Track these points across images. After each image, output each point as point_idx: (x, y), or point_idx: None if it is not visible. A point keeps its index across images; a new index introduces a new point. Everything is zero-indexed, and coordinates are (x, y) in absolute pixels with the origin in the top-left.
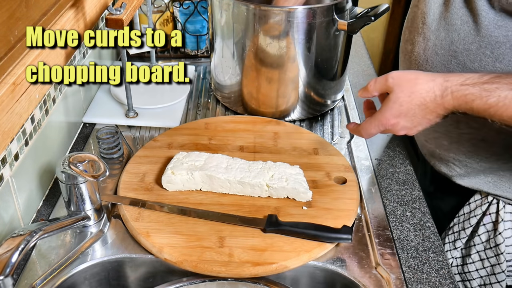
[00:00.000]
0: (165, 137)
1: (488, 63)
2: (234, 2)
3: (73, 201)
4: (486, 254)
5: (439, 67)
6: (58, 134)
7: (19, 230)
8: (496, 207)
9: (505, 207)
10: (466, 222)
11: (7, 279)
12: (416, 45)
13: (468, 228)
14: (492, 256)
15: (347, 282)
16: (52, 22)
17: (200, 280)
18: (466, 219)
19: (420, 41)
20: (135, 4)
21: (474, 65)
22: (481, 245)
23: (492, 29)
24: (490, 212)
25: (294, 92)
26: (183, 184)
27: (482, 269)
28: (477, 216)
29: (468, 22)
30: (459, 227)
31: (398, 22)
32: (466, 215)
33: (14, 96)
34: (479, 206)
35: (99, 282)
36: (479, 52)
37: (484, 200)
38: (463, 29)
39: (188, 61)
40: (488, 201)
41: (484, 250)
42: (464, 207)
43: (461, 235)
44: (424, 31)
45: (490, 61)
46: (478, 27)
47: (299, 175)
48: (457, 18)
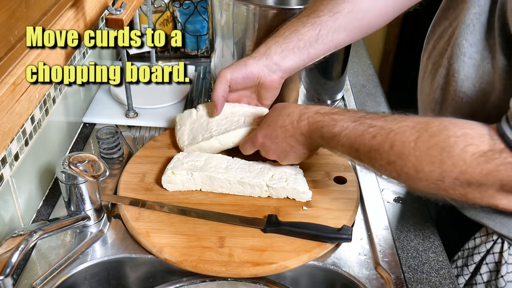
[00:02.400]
0: (165, 137)
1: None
2: (234, 2)
3: (73, 201)
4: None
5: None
6: (58, 134)
7: (19, 230)
8: (501, 247)
9: (509, 249)
10: (470, 258)
11: (7, 279)
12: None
13: (471, 265)
14: None
15: (347, 282)
16: (52, 22)
17: (200, 280)
18: (470, 254)
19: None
20: (135, 4)
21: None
22: (482, 285)
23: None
24: (494, 252)
25: (294, 92)
26: (183, 184)
27: None
28: (481, 253)
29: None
30: (462, 262)
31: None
32: (470, 250)
33: (14, 96)
34: (484, 243)
35: (99, 282)
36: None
37: (490, 237)
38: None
39: (188, 61)
40: (493, 239)
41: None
42: (469, 241)
43: (464, 271)
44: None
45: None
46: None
47: (299, 175)
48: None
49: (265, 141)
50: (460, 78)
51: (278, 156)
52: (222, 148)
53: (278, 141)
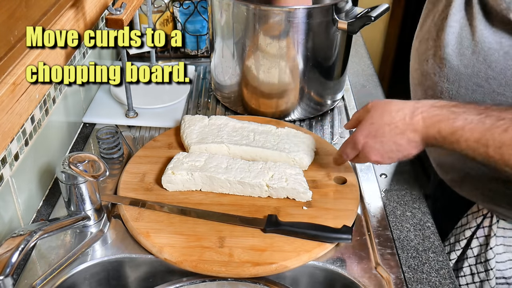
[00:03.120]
0: (165, 137)
1: (481, 69)
2: (234, 2)
3: (73, 201)
4: (477, 268)
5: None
6: (58, 134)
7: (19, 230)
8: (490, 220)
9: (498, 222)
10: (461, 234)
11: (7, 279)
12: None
13: (462, 240)
14: (482, 272)
15: (347, 282)
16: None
17: (200, 280)
18: (462, 231)
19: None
20: (135, 4)
21: (467, 71)
22: (473, 259)
23: (486, 34)
24: (484, 226)
25: (294, 92)
26: (183, 184)
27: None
28: (472, 228)
29: (465, 26)
30: (454, 239)
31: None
32: (461, 228)
33: (14, 96)
34: (475, 218)
35: (99, 282)
36: (472, 57)
37: (480, 212)
38: (460, 33)
39: (188, 61)
40: (483, 213)
41: (475, 264)
42: (462, 218)
43: (455, 247)
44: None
45: (482, 68)
46: (473, 31)
47: (299, 175)
48: (455, 20)
49: (367, 140)
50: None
51: (381, 157)
52: (229, 156)
53: (384, 140)
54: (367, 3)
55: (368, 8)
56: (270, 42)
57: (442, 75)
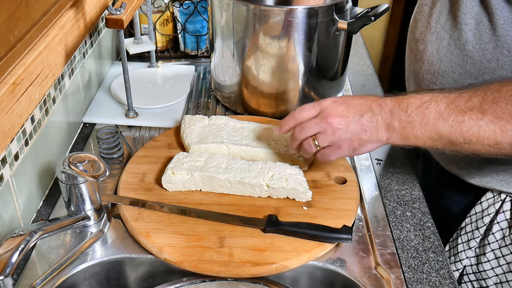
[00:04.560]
0: (165, 137)
1: (506, 62)
2: (234, 2)
3: (73, 201)
4: (502, 252)
5: (454, 67)
6: (58, 134)
7: (19, 230)
8: (510, 204)
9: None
10: (480, 221)
11: (7, 279)
12: (429, 44)
13: (481, 227)
14: (508, 254)
15: (347, 282)
16: (52, 22)
17: (200, 280)
18: (479, 218)
19: (433, 40)
20: (135, 4)
21: (491, 65)
22: (495, 243)
23: (508, 27)
24: (504, 210)
25: (294, 92)
26: (183, 184)
27: (497, 267)
28: (491, 214)
29: (482, 22)
30: (471, 227)
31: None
32: (479, 214)
33: (14, 96)
34: (492, 204)
35: (99, 282)
36: (495, 51)
37: (497, 198)
38: (478, 28)
39: (188, 61)
40: (502, 199)
41: (499, 248)
42: (476, 206)
43: (474, 235)
44: (437, 30)
45: (507, 60)
46: (493, 26)
47: (299, 175)
48: (470, 17)
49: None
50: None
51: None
52: (229, 156)
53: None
54: (367, 3)
55: (368, 8)
56: (270, 42)
57: (463, 71)
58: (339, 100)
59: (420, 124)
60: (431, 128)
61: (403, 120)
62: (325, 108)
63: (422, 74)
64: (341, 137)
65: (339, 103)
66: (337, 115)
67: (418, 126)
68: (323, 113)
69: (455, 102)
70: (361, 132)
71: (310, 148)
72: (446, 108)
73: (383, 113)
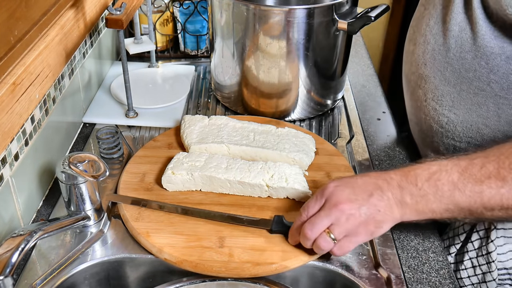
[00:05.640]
0: (165, 137)
1: (483, 73)
2: (234, 2)
3: (73, 201)
4: (478, 261)
5: (435, 72)
6: (58, 134)
7: (19, 230)
8: None
9: None
10: (460, 228)
11: (7, 279)
12: (417, 46)
13: (462, 234)
14: (483, 264)
15: (347, 282)
16: (52, 22)
17: (200, 280)
18: (460, 224)
19: (421, 42)
20: (135, 4)
21: (468, 75)
22: (473, 252)
23: (488, 39)
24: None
25: (294, 92)
26: (183, 184)
27: (473, 276)
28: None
29: (465, 30)
30: (453, 233)
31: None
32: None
33: (14, 96)
34: None
35: (99, 282)
36: (474, 62)
37: None
38: (460, 36)
39: (188, 61)
40: None
41: (476, 257)
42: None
43: (455, 241)
44: (425, 33)
45: (484, 72)
46: (474, 36)
47: (299, 175)
48: (455, 24)
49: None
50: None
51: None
52: (229, 156)
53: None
54: (367, 3)
55: (368, 8)
56: (270, 42)
57: (443, 78)
58: (341, 183)
59: (435, 197)
60: (447, 200)
61: (414, 194)
62: (330, 196)
63: (410, 75)
64: (356, 223)
65: (342, 186)
66: (346, 200)
67: (433, 200)
68: (330, 202)
69: (468, 170)
70: (375, 213)
71: (327, 244)
72: (459, 177)
73: (392, 189)
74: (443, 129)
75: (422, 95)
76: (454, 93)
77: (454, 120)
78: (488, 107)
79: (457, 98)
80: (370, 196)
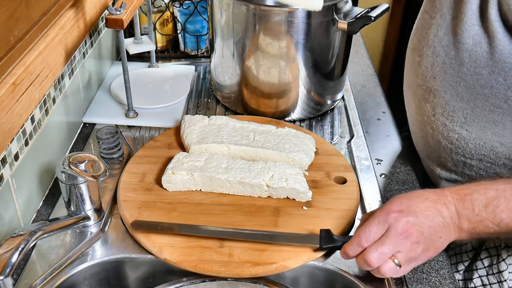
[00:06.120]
0: (165, 137)
1: (500, 90)
2: (234, 2)
3: (73, 201)
4: (489, 279)
5: (446, 87)
6: (58, 134)
7: (19, 230)
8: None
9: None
10: (468, 244)
11: (7, 279)
12: (425, 58)
13: (470, 251)
14: (494, 283)
15: (347, 282)
16: (52, 22)
17: (200, 280)
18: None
19: (429, 54)
20: (135, 4)
21: (484, 91)
22: (483, 270)
23: (507, 54)
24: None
25: (294, 92)
26: (183, 184)
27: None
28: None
29: (480, 43)
30: (460, 249)
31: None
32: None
33: (14, 96)
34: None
35: (99, 282)
36: (490, 78)
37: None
38: (475, 50)
39: (188, 61)
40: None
41: (486, 276)
42: None
43: (463, 258)
44: (434, 44)
45: (502, 88)
46: (492, 50)
47: (299, 175)
48: (468, 36)
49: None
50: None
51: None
52: (229, 156)
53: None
54: (367, 3)
55: (368, 8)
56: (270, 42)
57: (455, 93)
58: (403, 208)
59: (493, 223)
60: (506, 227)
61: (472, 220)
62: (394, 223)
63: (416, 88)
64: (419, 250)
65: (406, 213)
66: (412, 229)
67: (491, 225)
68: (396, 230)
69: None
70: (437, 240)
71: (391, 271)
72: None
73: (451, 214)
74: (452, 145)
75: (430, 109)
76: (467, 109)
77: (466, 137)
78: (505, 125)
79: (470, 114)
80: (432, 223)
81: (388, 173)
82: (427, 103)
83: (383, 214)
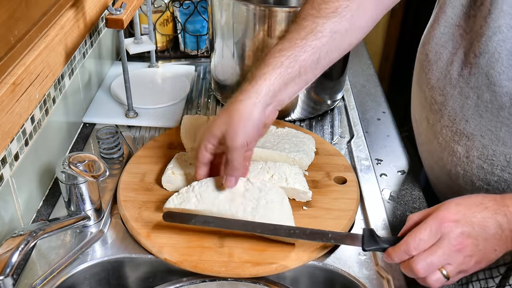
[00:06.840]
0: (165, 137)
1: None
2: (234, 2)
3: (73, 201)
4: None
5: (483, 131)
6: (58, 134)
7: (19, 230)
8: None
9: None
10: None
11: (7, 279)
12: (450, 98)
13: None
14: None
15: (347, 282)
16: (52, 22)
17: (200, 280)
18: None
19: (455, 95)
20: (135, 4)
21: None
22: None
23: None
24: None
25: None
26: (183, 184)
27: None
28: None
29: None
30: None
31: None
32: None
33: (14, 96)
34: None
35: (99, 282)
36: None
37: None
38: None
39: (188, 61)
40: None
41: None
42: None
43: (489, 284)
44: (460, 85)
45: None
46: None
47: (299, 175)
48: (507, 79)
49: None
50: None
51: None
52: None
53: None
54: None
55: None
56: (270, 42)
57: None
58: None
59: None
60: None
61: None
62: (449, 234)
63: (440, 128)
64: (472, 263)
65: (462, 224)
66: (467, 242)
67: None
68: (450, 241)
69: None
70: (491, 253)
71: (439, 283)
72: None
73: (510, 225)
74: (490, 186)
75: (462, 151)
76: (510, 154)
77: (508, 179)
78: None
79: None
80: (489, 235)
81: (388, 173)
82: (458, 145)
83: (436, 222)
